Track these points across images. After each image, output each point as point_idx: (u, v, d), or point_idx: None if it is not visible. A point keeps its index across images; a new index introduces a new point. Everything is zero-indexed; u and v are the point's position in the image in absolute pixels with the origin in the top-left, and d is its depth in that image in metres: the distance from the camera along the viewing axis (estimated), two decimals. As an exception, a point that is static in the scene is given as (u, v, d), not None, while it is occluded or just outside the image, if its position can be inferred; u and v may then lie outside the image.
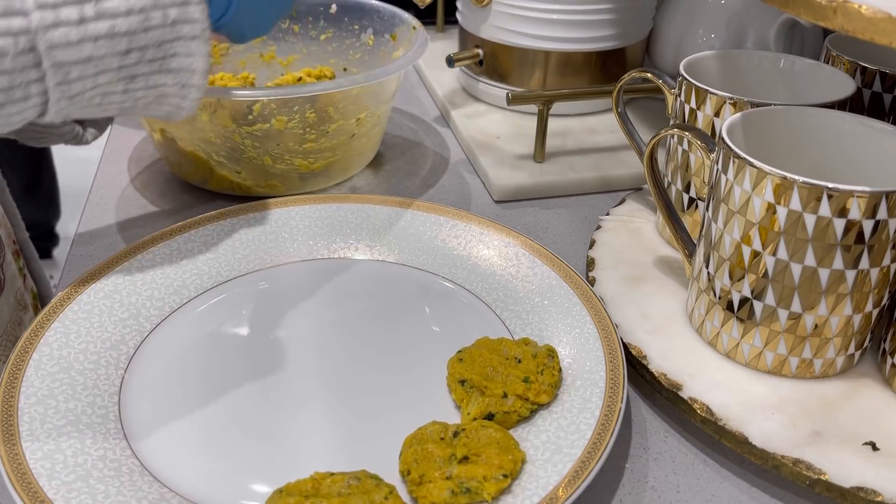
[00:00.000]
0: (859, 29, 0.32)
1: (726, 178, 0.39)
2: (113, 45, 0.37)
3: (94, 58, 0.37)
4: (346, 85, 0.53)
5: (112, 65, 0.38)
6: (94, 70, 0.37)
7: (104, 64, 0.38)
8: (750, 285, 0.39)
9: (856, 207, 0.35)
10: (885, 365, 0.41)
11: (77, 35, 0.36)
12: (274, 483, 0.34)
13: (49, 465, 0.34)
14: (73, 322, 0.42)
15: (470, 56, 0.72)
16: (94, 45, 0.37)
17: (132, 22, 0.37)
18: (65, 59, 0.36)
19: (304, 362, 0.43)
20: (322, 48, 0.71)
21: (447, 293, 0.48)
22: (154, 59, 0.40)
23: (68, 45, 0.36)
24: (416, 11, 0.72)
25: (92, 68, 0.37)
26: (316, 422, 0.39)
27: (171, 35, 0.39)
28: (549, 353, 0.40)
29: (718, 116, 0.46)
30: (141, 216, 0.57)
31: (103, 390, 0.39)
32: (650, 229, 0.54)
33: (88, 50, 0.36)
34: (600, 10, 0.66)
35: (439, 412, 0.39)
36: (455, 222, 0.52)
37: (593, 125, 0.69)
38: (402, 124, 0.73)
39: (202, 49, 0.41)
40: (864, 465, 0.36)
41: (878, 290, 0.38)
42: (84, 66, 0.37)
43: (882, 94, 0.50)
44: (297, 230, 0.52)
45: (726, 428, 0.38)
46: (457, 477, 0.34)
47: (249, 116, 0.53)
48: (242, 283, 0.48)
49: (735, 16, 0.69)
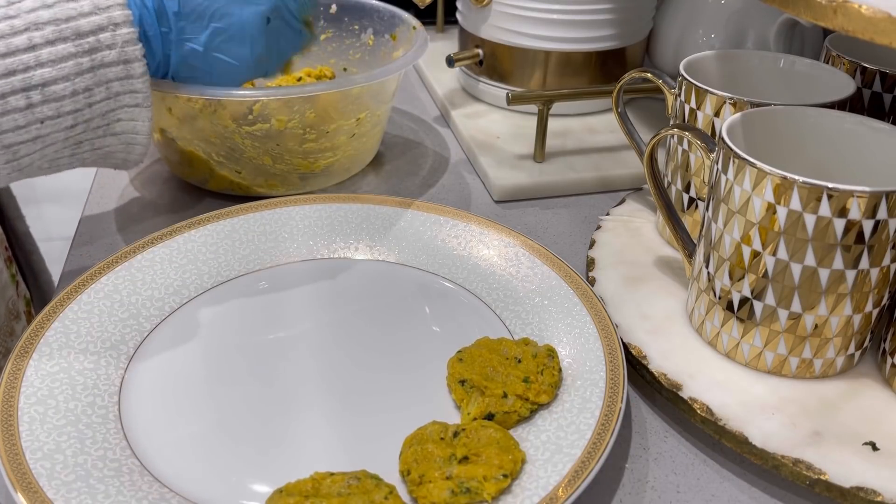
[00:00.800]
0: (859, 29, 0.32)
1: (726, 178, 0.39)
2: (59, 123, 0.40)
3: (41, 136, 0.39)
4: (346, 85, 0.53)
5: (58, 138, 0.40)
6: (42, 145, 0.40)
7: (51, 139, 0.40)
8: (750, 285, 0.39)
9: (856, 207, 0.35)
10: (885, 365, 0.41)
11: (24, 120, 0.38)
12: (274, 483, 0.34)
13: (49, 465, 0.34)
14: (73, 322, 0.42)
15: (470, 56, 0.72)
16: (41, 126, 0.39)
17: (77, 101, 0.40)
18: (13, 141, 0.38)
19: (304, 362, 0.43)
20: (322, 48, 0.71)
21: (447, 293, 0.48)
22: (99, 126, 0.42)
23: (16, 129, 0.38)
24: (416, 11, 0.72)
25: (39, 144, 0.40)
26: (316, 422, 0.39)
27: (115, 105, 0.42)
28: (549, 353, 0.40)
29: (718, 116, 0.46)
30: (141, 216, 0.57)
31: (103, 390, 0.39)
32: (650, 229, 0.54)
33: (35, 131, 0.39)
34: (600, 10, 0.66)
35: (439, 412, 0.39)
36: (455, 222, 0.52)
37: (593, 125, 0.69)
38: (402, 124, 0.73)
39: (145, 114, 0.43)
40: (864, 465, 0.36)
41: (878, 290, 0.38)
42: (32, 143, 0.39)
43: (882, 94, 0.50)
44: (297, 230, 0.52)
45: (726, 428, 0.38)
46: (457, 477, 0.34)
47: (249, 116, 0.53)
48: (242, 283, 0.48)
49: (735, 16, 0.69)
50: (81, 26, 0.39)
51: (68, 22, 0.39)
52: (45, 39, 0.38)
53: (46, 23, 0.38)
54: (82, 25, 0.39)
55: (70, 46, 0.39)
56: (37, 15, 0.38)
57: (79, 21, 0.39)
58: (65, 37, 0.39)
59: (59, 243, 2.06)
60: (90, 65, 0.40)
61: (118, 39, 0.41)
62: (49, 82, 0.39)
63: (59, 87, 0.39)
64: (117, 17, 0.40)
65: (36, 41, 0.38)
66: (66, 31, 0.39)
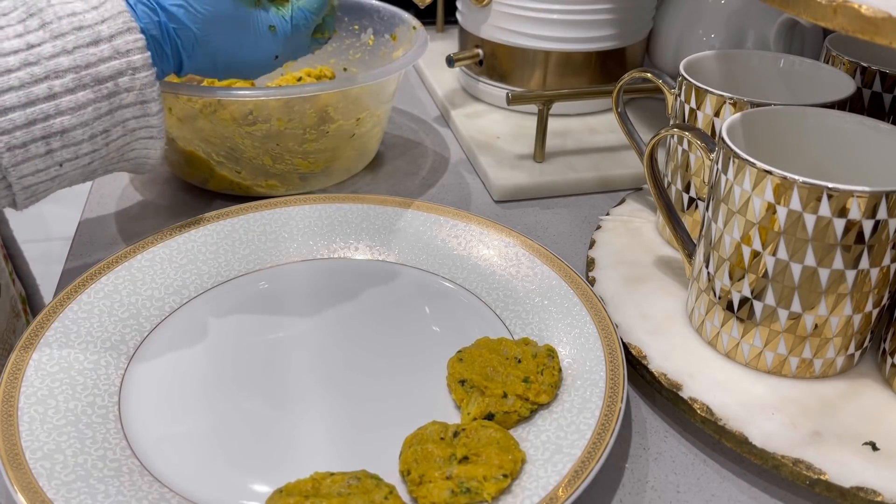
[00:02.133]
0: (859, 29, 0.32)
1: (726, 178, 0.39)
2: (77, 164, 0.41)
3: (60, 175, 0.40)
4: (346, 85, 0.53)
5: (76, 175, 0.41)
6: (59, 182, 0.41)
7: (68, 176, 0.41)
8: (750, 285, 0.39)
9: (856, 207, 0.35)
10: (885, 365, 0.41)
11: (44, 164, 0.39)
12: (274, 483, 0.34)
13: (49, 465, 0.34)
14: (73, 322, 0.42)
15: (470, 56, 0.72)
16: (60, 168, 0.40)
17: (95, 142, 0.41)
18: (32, 182, 0.39)
19: (304, 362, 0.43)
20: (322, 48, 0.70)
21: (447, 293, 0.48)
22: (113, 158, 0.43)
23: (36, 173, 0.39)
24: (416, 11, 0.72)
25: (57, 182, 0.41)
26: (316, 421, 0.39)
27: (131, 139, 0.43)
28: (549, 353, 0.40)
29: (718, 116, 0.46)
30: (141, 216, 0.57)
31: (103, 390, 0.39)
32: (650, 229, 0.54)
33: (54, 173, 0.40)
34: (600, 10, 0.66)
35: (439, 412, 0.39)
36: (455, 222, 0.52)
37: (593, 125, 0.69)
38: (402, 124, 0.73)
39: (158, 144, 0.44)
40: (864, 465, 0.36)
41: (878, 290, 0.38)
42: (50, 182, 0.40)
43: (882, 94, 0.50)
44: (297, 230, 0.52)
45: (726, 428, 0.38)
46: (457, 477, 0.34)
47: (249, 116, 0.53)
48: (242, 283, 0.48)
49: (735, 16, 0.69)
50: (101, 72, 0.39)
51: (88, 68, 0.39)
52: (65, 88, 0.38)
53: (66, 70, 0.38)
54: (102, 71, 0.39)
55: (90, 93, 0.39)
56: (56, 62, 0.38)
57: (98, 67, 0.39)
58: (84, 84, 0.39)
59: (59, 243, 2.06)
60: (108, 108, 0.40)
61: (136, 83, 0.41)
62: (69, 129, 0.39)
63: (78, 132, 0.39)
64: (136, 62, 0.41)
65: (56, 90, 0.38)
66: (85, 78, 0.39)
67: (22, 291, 0.60)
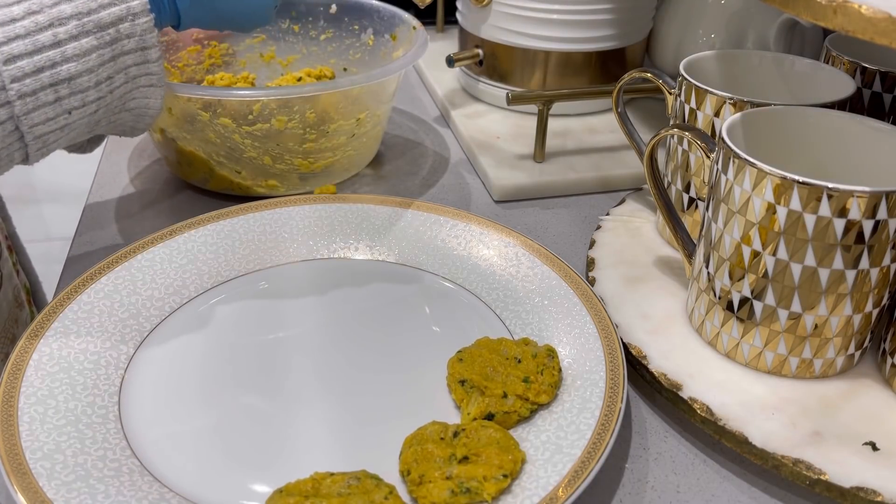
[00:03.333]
0: (859, 29, 0.32)
1: (726, 178, 0.39)
2: (84, 111, 0.42)
3: (69, 124, 0.41)
4: (346, 85, 0.53)
5: (83, 123, 0.42)
6: (69, 131, 0.42)
7: (76, 125, 0.42)
8: (750, 285, 0.39)
9: (856, 207, 0.35)
10: (885, 365, 0.41)
11: (54, 112, 0.40)
12: (274, 483, 0.34)
13: (49, 465, 0.34)
14: (73, 322, 0.42)
15: (470, 56, 0.72)
16: (69, 116, 0.41)
17: (100, 89, 0.42)
18: (43, 131, 0.40)
19: (304, 362, 0.43)
20: (322, 48, 0.71)
21: (447, 293, 0.48)
22: (116, 106, 0.44)
23: (47, 121, 0.40)
24: (416, 11, 0.72)
25: (67, 130, 0.42)
26: (316, 422, 0.39)
27: (132, 87, 0.44)
28: (549, 353, 0.40)
29: (718, 116, 0.46)
30: (141, 216, 0.57)
31: (103, 390, 0.39)
32: (650, 229, 0.54)
33: (63, 121, 0.41)
34: (600, 10, 0.66)
35: (439, 412, 0.39)
36: (455, 222, 0.52)
37: (593, 125, 0.69)
38: (402, 124, 0.73)
39: (158, 92, 0.45)
40: (864, 465, 0.36)
41: (878, 290, 0.38)
42: (60, 131, 0.41)
43: (882, 94, 0.50)
44: (297, 230, 0.52)
45: (726, 428, 0.38)
46: (457, 477, 0.34)
47: (249, 116, 0.53)
48: (242, 283, 0.48)
49: (735, 16, 0.69)
50: (102, 18, 0.40)
51: (90, 15, 0.40)
52: (69, 35, 0.39)
53: (69, 17, 0.39)
54: (103, 17, 0.40)
55: (93, 39, 0.40)
56: (59, 10, 0.39)
57: (100, 13, 0.40)
58: (87, 30, 0.40)
59: (59, 243, 2.06)
60: (111, 55, 0.41)
61: (137, 29, 0.42)
62: (75, 76, 0.40)
63: (84, 79, 0.40)
64: (135, 7, 0.42)
65: (61, 37, 0.39)
66: (88, 25, 0.40)
67: (26, 282, 0.60)
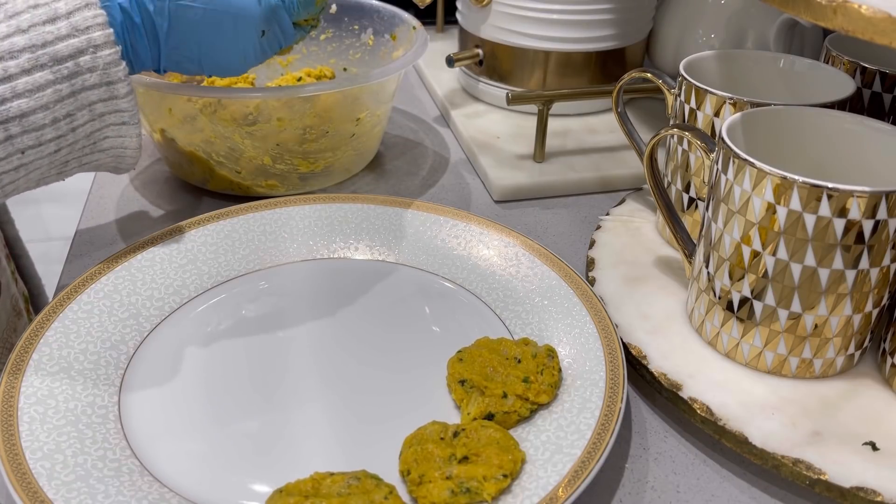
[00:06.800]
0: (859, 29, 0.32)
1: (726, 178, 0.39)
2: (41, 151, 0.38)
3: (24, 164, 0.38)
4: (346, 85, 0.53)
5: (42, 164, 0.39)
6: (25, 172, 0.39)
7: (34, 165, 0.39)
8: (750, 285, 0.39)
9: (856, 207, 0.35)
10: (885, 365, 0.41)
11: (4, 152, 0.37)
12: (274, 483, 0.34)
13: (49, 465, 0.34)
14: (73, 322, 0.42)
15: (470, 56, 0.72)
16: (22, 156, 0.38)
17: (59, 127, 0.38)
18: None
19: (303, 362, 0.43)
20: (322, 48, 0.71)
21: (447, 293, 0.48)
22: (84, 146, 0.41)
23: None
24: (416, 11, 0.72)
25: (23, 171, 0.39)
26: (316, 422, 0.39)
27: (100, 125, 0.40)
28: (548, 353, 0.40)
29: (718, 116, 0.46)
30: (141, 216, 0.57)
31: (103, 390, 0.39)
32: (650, 229, 0.54)
33: (17, 161, 0.38)
34: (600, 10, 0.66)
35: (439, 412, 0.39)
36: (455, 222, 0.52)
37: (593, 125, 0.69)
38: (402, 124, 0.73)
39: (132, 131, 0.42)
40: (864, 465, 0.36)
41: (878, 290, 0.38)
42: (14, 172, 0.38)
43: (882, 94, 0.50)
44: (297, 230, 0.52)
45: (726, 428, 0.38)
46: (457, 477, 0.34)
47: (249, 116, 0.53)
48: (242, 283, 0.48)
49: (735, 16, 0.69)
50: (59, 51, 0.37)
51: (45, 48, 0.37)
52: (20, 69, 0.36)
53: (21, 50, 0.36)
54: (60, 50, 0.37)
55: (48, 74, 0.37)
56: (11, 42, 0.36)
57: (56, 46, 0.37)
58: (41, 64, 0.37)
59: (59, 243, 2.06)
60: (70, 90, 0.38)
61: (99, 62, 0.39)
62: (28, 113, 0.37)
63: (38, 116, 0.37)
64: (97, 39, 0.38)
65: (11, 71, 0.36)
66: (42, 58, 0.37)
67: (25, 291, 0.60)
